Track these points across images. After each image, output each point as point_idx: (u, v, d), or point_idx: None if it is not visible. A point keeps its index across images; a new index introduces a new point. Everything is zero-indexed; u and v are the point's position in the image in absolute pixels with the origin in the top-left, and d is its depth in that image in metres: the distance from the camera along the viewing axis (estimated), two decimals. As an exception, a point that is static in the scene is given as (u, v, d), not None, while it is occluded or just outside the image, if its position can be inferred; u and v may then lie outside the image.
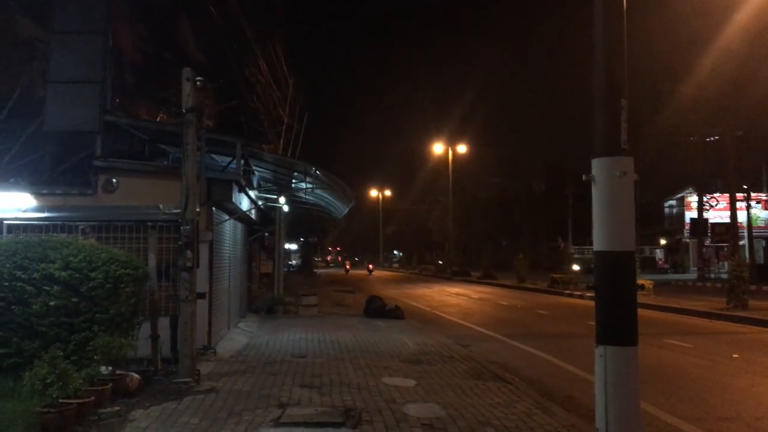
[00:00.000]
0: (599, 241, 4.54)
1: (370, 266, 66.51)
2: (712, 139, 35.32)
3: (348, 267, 68.23)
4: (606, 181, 4.51)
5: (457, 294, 29.87)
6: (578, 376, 9.59)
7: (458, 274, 48.14)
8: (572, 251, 48.77)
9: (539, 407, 7.27)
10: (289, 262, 55.16)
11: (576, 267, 36.36)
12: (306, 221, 42.00)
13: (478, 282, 40.80)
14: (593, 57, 4.71)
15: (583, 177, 4.69)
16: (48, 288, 7.53)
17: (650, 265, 48.87)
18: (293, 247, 59.52)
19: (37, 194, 10.12)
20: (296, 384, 8.40)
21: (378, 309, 18.16)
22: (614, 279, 4.49)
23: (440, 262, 51.17)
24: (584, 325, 15.88)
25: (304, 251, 63.33)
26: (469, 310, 21.79)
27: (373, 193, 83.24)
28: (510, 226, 65.09)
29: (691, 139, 36.15)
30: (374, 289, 32.02)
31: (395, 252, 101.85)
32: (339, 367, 9.72)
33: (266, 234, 23.43)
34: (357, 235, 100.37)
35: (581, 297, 25.53)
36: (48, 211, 10.06)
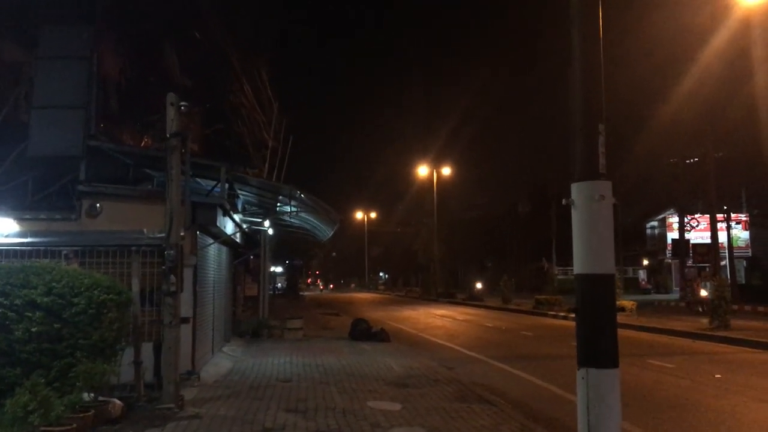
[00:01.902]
0: (579, 264, 4.60)
1: (321, 286, 76.68)
2: (692, 160, 35.86)
3: (322, 288, 77.50)
4: (585, 205, 4.58)
5: (443, 316, 29.86)
6: (563, 398, 9.62)
7: (443, 295, 48.14)
8: (556, 272, 49.09)
9: (524, 429, 7.29)
10: (276, 285, 54.92)
11: None
12: (291, 244, 41.91)
13: (464, 303, 40.82)
14: (571, 83, 4.82)
15: (563, 201, 4.77)
16: (30, 314, 7.46)
17: (633, 286, 49.17)
18: (278, 269, 59.27)
19: (20, 219, 10.05)
20: (281, 409, 8.36)
21: (363, 332, 18.11)
22: (595, 302, 4.54)
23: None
24: (568, 346, 15.93)
25: (290, 274, 63.13)
26: (454, 332, 21.79)
27: (359, 215, 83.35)
28: (495, 247, 65.33)
29: (672, 161, 36.70)
30: (360, 311, 31.92)
31: (381, 274, 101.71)
32: (324, 391, 9.69)
33: (251, 257, 23.36)
34: (343, 257, 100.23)
35: (565, 318, 25.62)
36: (31, 236, 9.98)
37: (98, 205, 10.33)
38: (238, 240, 15.87)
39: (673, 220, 45.39)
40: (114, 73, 12.88)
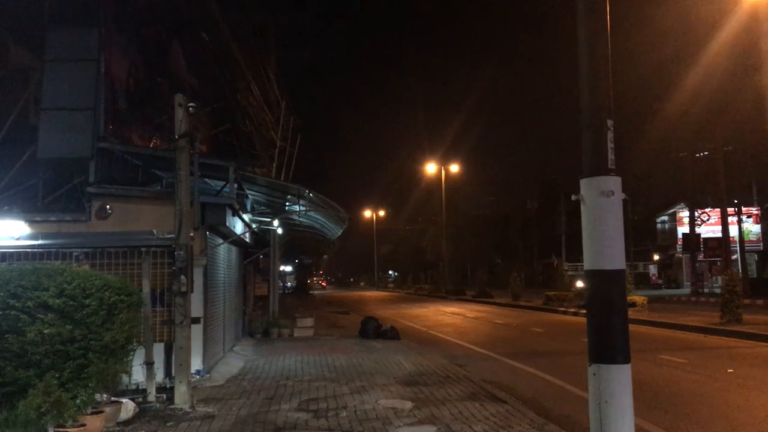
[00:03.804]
0: (589, 261, 4.59)
1: (324, 284, 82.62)
2: (701, 154, 35.63)
3: (324, 285, 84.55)
4: (594, 201, 4.57)
5: (453, 313, 29.83)
6: (574, 394, 9.59)
7: (453, 293, 48.10)
8: (566, 268, 48.93)
9: (535, 426, 7.27)
10: (285, 284, 55.06)
11: (579, 283, 36.27)
12: (300, 243, 41.98)
13: (473, 301, 40.76)
14: (579, 79, 4.80)
15: (573, 197, 4.75)
16: (42, 316, 7.49)
17: (644, 281, 48.95)
18: (288, 268, 59.40)
19: (31, 222, 10.11)
20: (292, 408, 8.38)
21: (373, 330, 18.12)
22: (605, 297, 4.53)
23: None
24: (579, 342, 15.87)
25: (299, 273, 63.26)
26: (464, 329, 21.76)
27: (368, 213, 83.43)
28: (504, 244, 65.20)
29: (682, 155, 36.47)
30: (369, 309, 31.94)
31: (390, 272, 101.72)
32: (335, 389, 9.70)
33: (261, 256, 23.40)
34: (352, 255, 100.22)
35: (575, 314, 25.53)
36: (42, 239, 10.04)
37: (108, 206, 10.37)
38: (247, 240, 15.91)
39: (684, 214, 45.15)
40: (122, 75, 12.91)
